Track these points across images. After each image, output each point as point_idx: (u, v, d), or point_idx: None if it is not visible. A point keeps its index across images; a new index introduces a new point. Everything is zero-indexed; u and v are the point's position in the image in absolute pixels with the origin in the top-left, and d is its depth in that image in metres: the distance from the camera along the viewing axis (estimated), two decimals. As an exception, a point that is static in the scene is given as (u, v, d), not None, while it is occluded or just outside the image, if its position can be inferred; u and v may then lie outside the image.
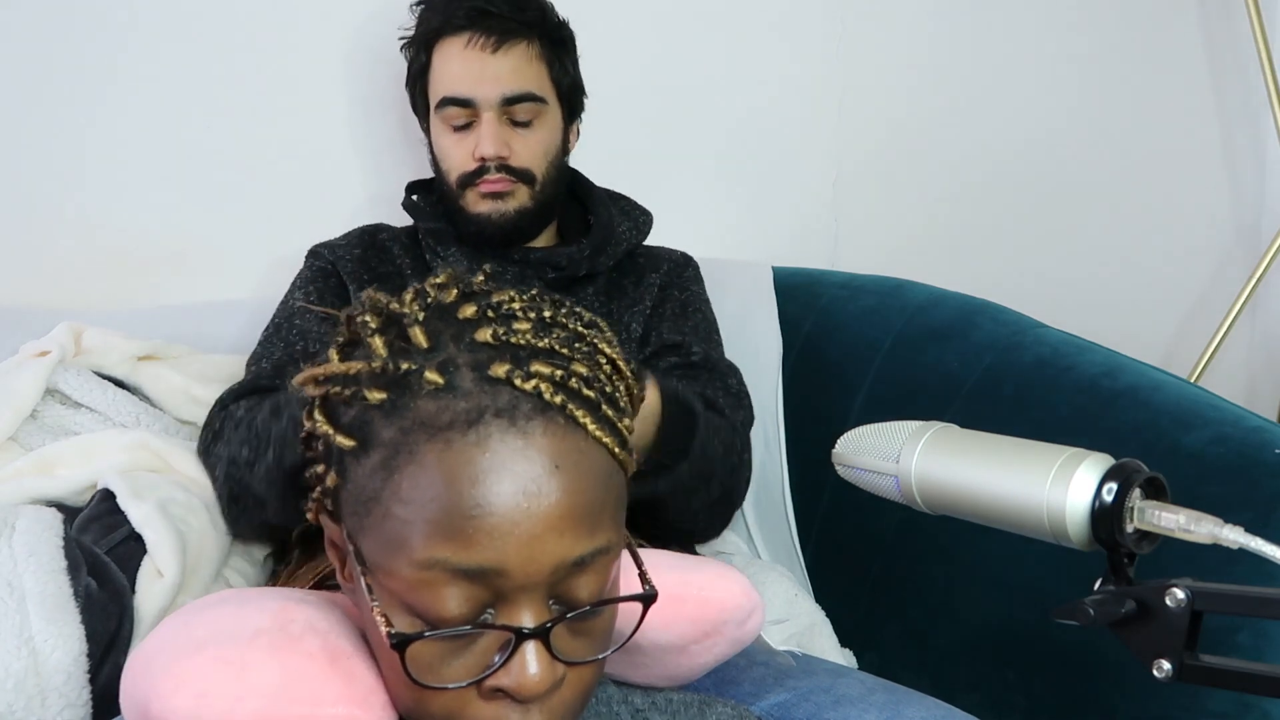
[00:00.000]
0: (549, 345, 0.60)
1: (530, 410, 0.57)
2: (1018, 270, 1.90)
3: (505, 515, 0.55)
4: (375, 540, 0.58)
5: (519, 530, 0.55)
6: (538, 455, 0.56)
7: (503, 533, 0.55)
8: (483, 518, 0.55)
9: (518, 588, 0.56)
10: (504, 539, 0.55)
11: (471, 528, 0.55)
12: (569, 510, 0.56)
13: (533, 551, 0.56)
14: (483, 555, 0.55)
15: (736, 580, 0.77)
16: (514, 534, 0.55)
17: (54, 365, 1.26)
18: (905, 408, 1.30)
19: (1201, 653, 0.56)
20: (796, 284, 1.58)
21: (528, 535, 0.55)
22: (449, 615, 0.56)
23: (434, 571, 0.56)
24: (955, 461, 0.66)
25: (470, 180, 1.28)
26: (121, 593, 1.03)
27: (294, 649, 0.62)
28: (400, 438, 0.57)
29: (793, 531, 1.44)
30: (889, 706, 0.87)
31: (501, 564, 0.55)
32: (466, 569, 0.56)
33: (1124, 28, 1.93)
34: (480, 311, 0.60)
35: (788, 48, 1.76)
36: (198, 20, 1.53)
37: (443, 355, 0.58)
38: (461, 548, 0.55)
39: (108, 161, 1.53)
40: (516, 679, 0.57)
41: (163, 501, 1.13)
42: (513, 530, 0.55)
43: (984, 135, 1.88)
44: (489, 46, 1.26)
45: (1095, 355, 1.22)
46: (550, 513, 0.56)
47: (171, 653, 0.62)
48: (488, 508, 0.55)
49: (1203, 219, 2.06)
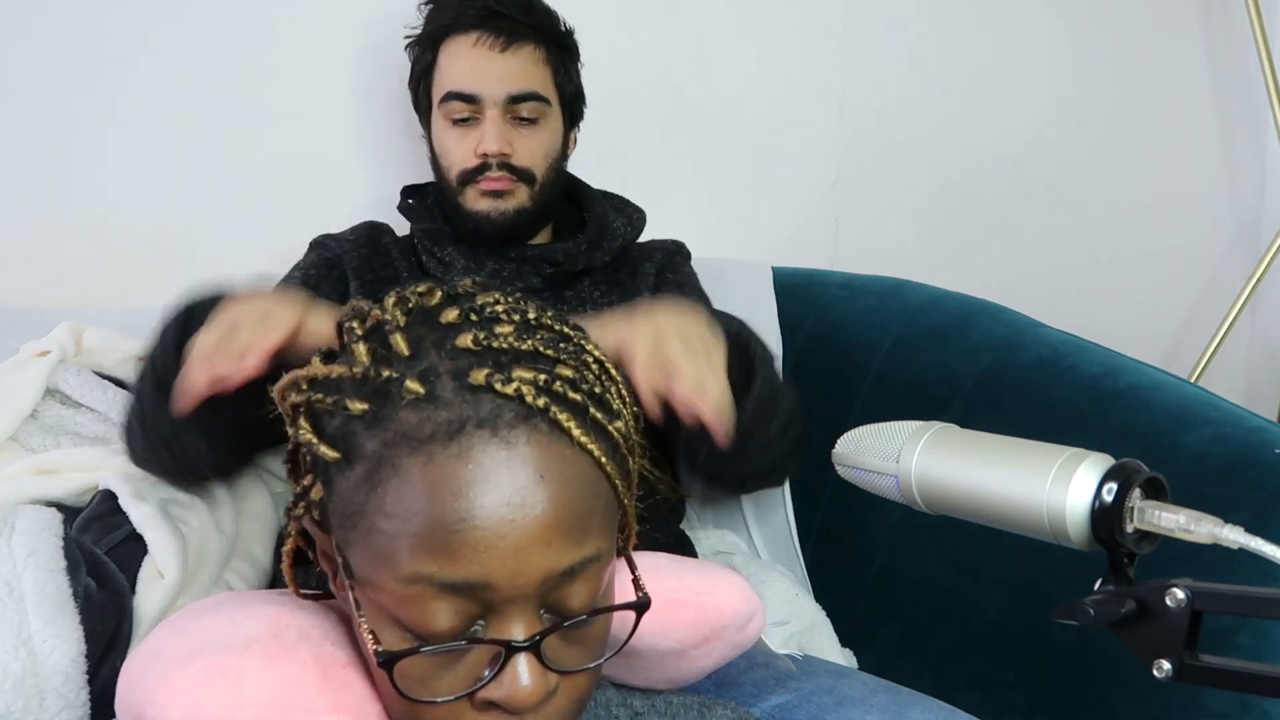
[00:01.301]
0: (532, 347, 0.59)
1: (513, 419, 0.56)
2: (1018, 270, 1.90)
3: (490, 528, 0.54)
4: (362, 554, 0.58)
5: (504, 543, 0.55)
6: (522, 466, 0.55)
7: (488, 546, 0.54)
8: (467, 531, 0.54)
9: (506, 600, 0.56)
10: (489, 552, 0.54)
11: (456, 542, 0.54)
12: (556, 520, 0.56)
13: (520, 564, 0.55)
14: (468, 569, 0.54)
15: (737, 585, 0.77)
16: (499, 547, 0.54)
17: (54, 365, 1.26)
18: (905, 408, 1.30)
19: (1201, 653, 0.56)
20: (796, 284, 1.58)
21: (514, 548, 0.55)
22: (438, 629, 0.56)
23: (420, 586, 0.55)
24: (955, 461, 0.66)
25: (471, 177, 1.28)
26: (121, 593, 1.03)
27: (288, 658, 0.62)
28: (383, 450, 0.56)
29: (793, 531, 1.44)
30: (891, 708, 0.87)
31: (488, 577, 0.55)
32: (453, 583, 0.55)
33: (1124, 28, 1.93)
34: (463, 315, 0.60)
35: (787, 48, 1.76)
36: (198, 22, 1.52)
37: (424, 364, 0.57)
38: (447, 562, 0.55)
39: (108, 161, 1.53)
40: (508, 692, 0.56)
41: (164, 503, 1.13)
42: (498, 543, 0.54)
43: (984, 135, 1.88)
44: (497, 46, 1.27)
45: (1095, 355, 1.22)
46: (536, 524, 0.55)
47: (166, 661, 0.61)
48: (472, 521, 0.54)
49: (1203, 219, 2.06)
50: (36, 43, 1.48)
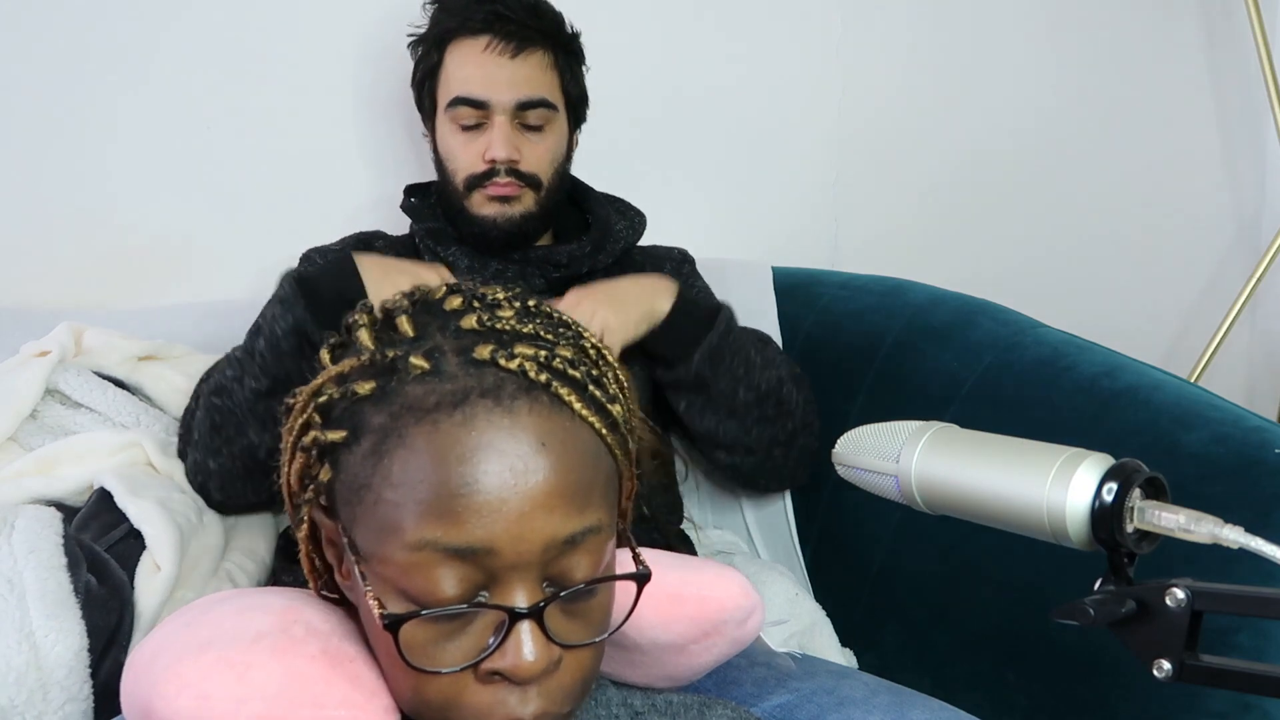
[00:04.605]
0: (533, 330, 0.61)
1: (515, 390, 0.58)
2: (1018, 270, 1.90)
3: (493, 493, 0.56)
4: (368, 527, 0.59)
5: (507, 508, 0.56)
6: (524, 434, 0.57)
7: (491, 510, 0.56)
8: (471, 496, 0.56)
9: (509, 567, 0.57)
10: (493, 517, 0.56)
11: (460, 506, 0.56)
12: (557, 488, 0.57)
13: (522, 529, 0.56)
14: (472, 534, 0.56)
15: (736, 580, 0.77)
16: (502, 511, 0.56)
17: (54, 365, 1.26)
18: (905, 408, 1.30)
19: (1201, 653, 0.56)
20: (796, 284, 1.58)
21: (516, 513, 0.56)
22: (442, 597, 0.57)
23: (425, 553, 0.56)
24: (955, 461, 0.66)
25: (478, 182, 1.28)
26: (121, 588, 1.04)
27: (296, 651, 0.62)
28: (389, 423, 0.58)
29: (793, 531, 1.44)
30: (893, 708, 0.87)
31: (491, 542, 0.56)
32: (457, 548, 0.56)
33: (1125, 28, 1.93)
34: (465, 302, 0.62)
35: (787, 48, 1.76)
36: (199, 22, 1.52)
37: (429, 343, 0.59)
38: (451, 527, 0.56)
39: (108, 162, 1.53)
40: (512, 660, 0.57)
41: (161, 498, 1.14)
42: (501, 508, 0.56)
43: (983, 135, 1.88)
44: (507, 51, 1.27)
45: (1095, 355, 1.22)
46: (538, 490, 0.56)
47: (174, 653, 0.62)
48: (476, 486, 0.56)
49: (1203, 219, 2.06)
50: (37, 44, 1.48)
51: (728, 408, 1.25)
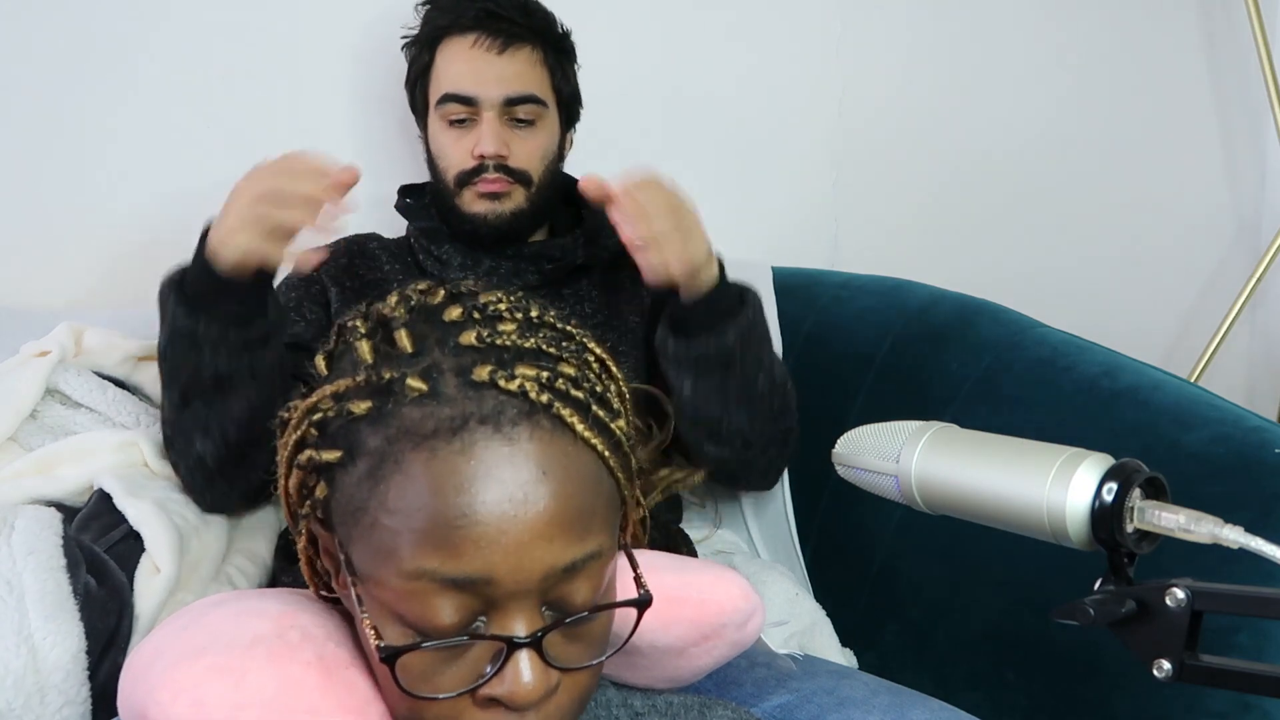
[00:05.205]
0: (535, 345, 0.59)
1: (516, 415, 0.56)
2: (1018, 270, 1.90)
3: (492, 524, 0.54)
4: (364, 550, 0.58)
5: (506, 539, 0.55)
6: (524, 461, 0.55)
7: (490, 541, 0.54)
8: (469, 527, 0.54)
9: (508, 595, 0.56)
10: (491, 548, 0.55)
11: (458, 537, 0.54)
12: (557, 516, 0.56)
13: (521, 559, 0.55)
14: (470, 565, 0.55)
15: (736, 583, 0.77)
16: (501, 542, 0.55)
17: (54, 365, 1.26)
18: (905, 408, 1.30)
19: (1201, 653, 0.56)
20: (796, 284, 1.58)
21: (515, 543, 0.55)
22: (440, 625, 0.56)
23: (423, 582, 0.55)
24: (955, 461, 0.66)
25: (468, 179, 1.28)
26: (120, 590, 1.03)
27: (292, 658, 0.62)
28: (385, 446, 0.56)
29: (793, 531, 1.44)
30: (893, 709, 0.87)
31: (490, 573, 0.55)
32: (455, 579, 0.55)
33: (1124, 28, 1.93)
34: (465, 314, 0.60)
35: (787, 47, 1.76)
36: (197, 22, 1.52)
37: (427, 361, 0.58)
38: (449, 557, 0.55)
39: (108, 162, 1.53)
40: (510, 688, 0.56)
41: (160, 500, 1.13)
42: (500, 539, 0.55)
43: (984, 135, 1.88)
44: (495, 48, 1.27)
45: (1095, 355, 1.22)
46: (538, 520, 0.55)
47: (170, 659, 0.61)
48: (474, 516, 0.54)
49: (1203, 219, 2.05)
50: (37, 43, 1.48)
51: (744, 394, 1.19)
